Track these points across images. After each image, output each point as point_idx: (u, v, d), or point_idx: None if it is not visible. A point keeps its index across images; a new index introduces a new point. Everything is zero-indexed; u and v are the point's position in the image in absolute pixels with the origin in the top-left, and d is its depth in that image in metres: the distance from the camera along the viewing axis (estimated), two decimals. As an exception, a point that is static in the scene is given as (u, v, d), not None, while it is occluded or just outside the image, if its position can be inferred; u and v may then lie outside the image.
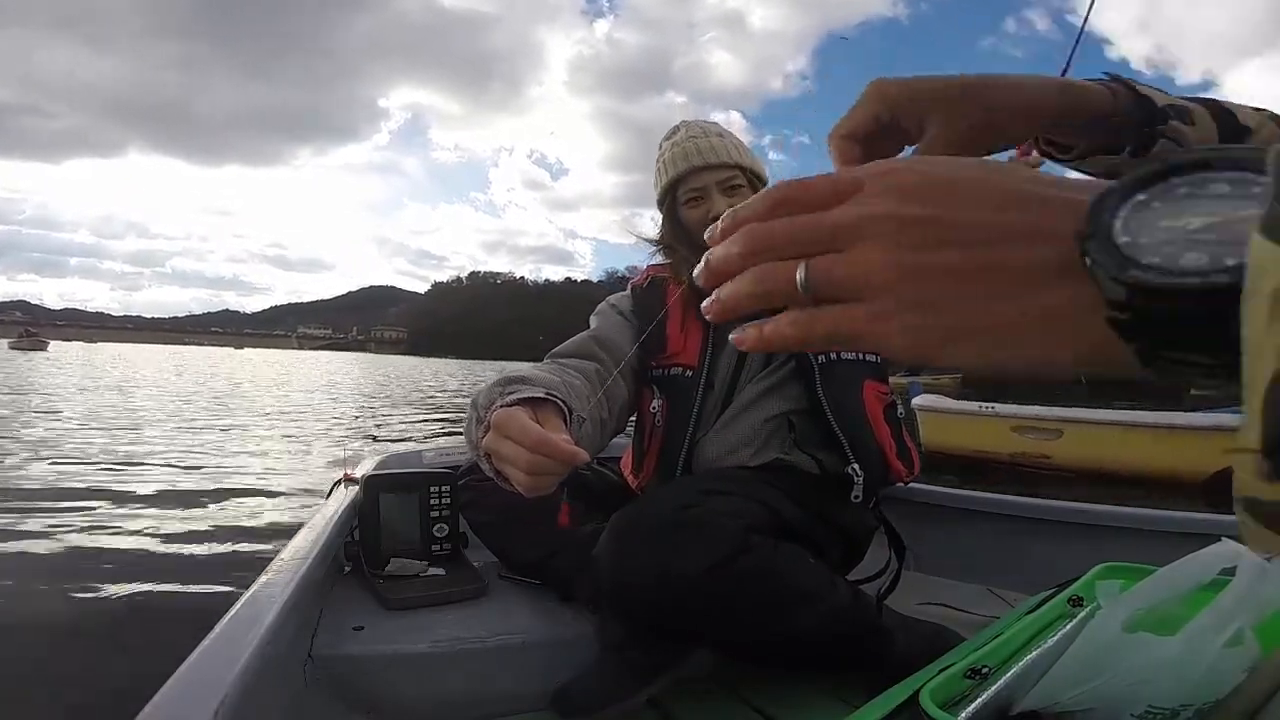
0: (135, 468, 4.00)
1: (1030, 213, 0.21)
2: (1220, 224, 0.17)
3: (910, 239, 0.21)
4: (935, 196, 0.22)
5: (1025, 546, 1.30)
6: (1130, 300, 0.18)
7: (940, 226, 0.21)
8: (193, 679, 0.57)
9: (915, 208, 0.21)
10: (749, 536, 0.83)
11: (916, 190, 0.22)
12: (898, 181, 0.22)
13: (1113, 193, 0.19)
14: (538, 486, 0.61)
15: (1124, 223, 0.18)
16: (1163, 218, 0.18)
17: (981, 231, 0.21)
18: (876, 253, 0.21)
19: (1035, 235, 0.20)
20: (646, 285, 1.18)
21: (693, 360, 1.08)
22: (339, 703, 0.86)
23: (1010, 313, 0.20)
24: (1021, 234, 0.21)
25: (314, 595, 0.93)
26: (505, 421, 0.62)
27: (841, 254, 0.22)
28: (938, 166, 0.23)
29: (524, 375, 0.76)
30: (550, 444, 0.59)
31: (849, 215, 0.22)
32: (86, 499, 3.11)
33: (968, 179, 0.22)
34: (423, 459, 1.53)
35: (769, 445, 1.05)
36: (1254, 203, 0.17)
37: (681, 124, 1.16)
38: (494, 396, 0.70)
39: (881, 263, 0.21)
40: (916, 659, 0.73)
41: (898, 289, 0.21)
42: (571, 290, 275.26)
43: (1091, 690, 0.50)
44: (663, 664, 0.90)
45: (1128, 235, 0.18)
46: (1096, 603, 0.60)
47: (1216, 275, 0.16)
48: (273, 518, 2.98)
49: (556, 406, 0.69)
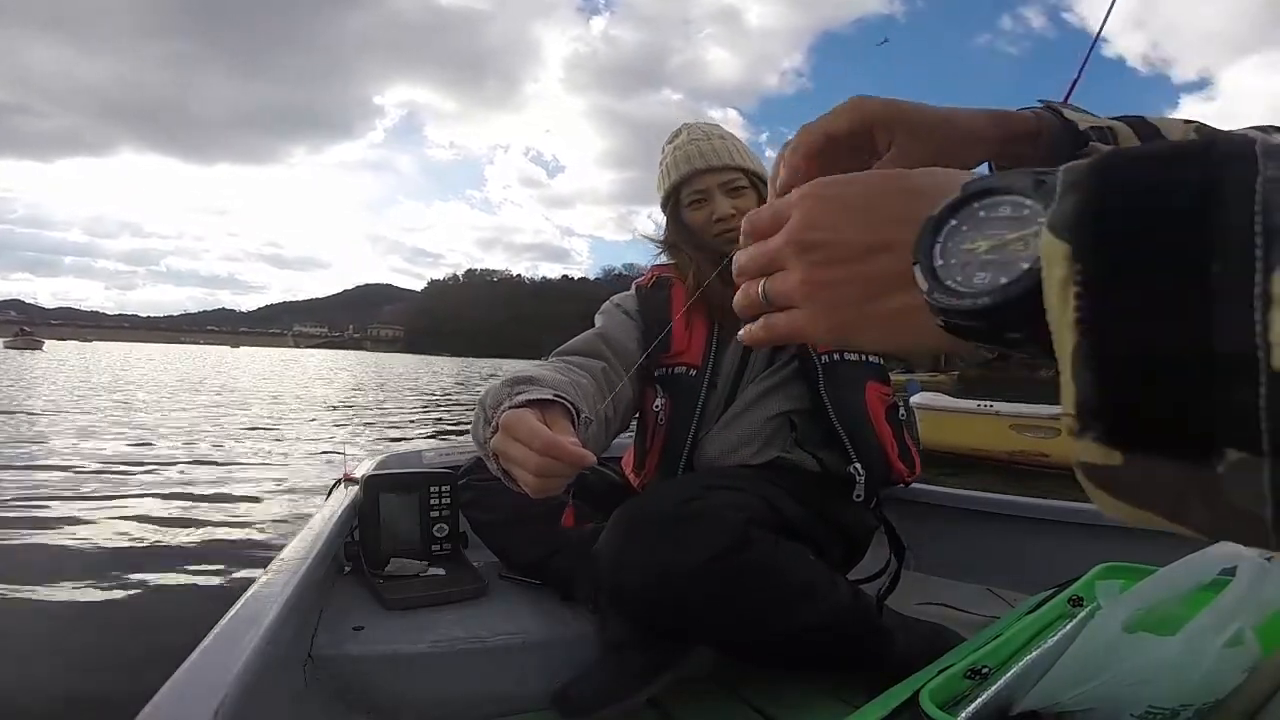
0: (133, 468, 4.00)
1: (891, 230, 0.27)
2: (999, 246, 0.21)
3: (811, 260, 0.29)
4: (828, 221, 0.28)
5: (1025, 546, 1.30)
6: (942, 314, 0.23)
7: (829, 248, 0.28)
8: (193, 679, 0.57)
9: (815, 233, 0.28)
10: (750, 530, 0.84)
11: (817, 218, 0.29)
12: (805, 211, 0.29)
13: (932, 219, 0.24)
14: (545, 489, 0.61)
15: (941, 247, 0.23)
16: (964, 241, 0.22)
17: (856, 249, 0.27)
18: (793, 274, 0.29)
19: (892, 249, 0.26)
20: (651, 285, 1.18)
21: (696, 359, 1.09)
22: (339, 703, 0.86)
23: (880, 312, 0.27)
24: (883, 248, 0.27)
25: (314, 595, 0.93)
26: (514, 423, 0.63)
27: (782, 272, 0.30)
28: (838, 189, 0.29)
29: (532, 375, 0.77)
30: (558, 447, 0.59)
31: (776, 245, 0.30)
32: (84, 499, 3.12)
33: (853, 200, 0.28)
34: (423, 459, 1.53)
35: (771, 444, 1.05)
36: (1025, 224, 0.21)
37: (684, 127, 1.17)
38: (502, 397, 0.70)
39: (795, 281, 0.29)
40: (916, 659, 0.73)
41: (809, 298, 0.29)
42: (568, 288, 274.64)
43: (1091, 690, 0.50)
44: (663, 663, 0.90)
45: (941, 259, 0.23)
46: (1096, 603, 0.60)
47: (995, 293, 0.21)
48: (272, 518, 2.98)
49: (564, 408, 0.69)
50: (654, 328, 1.12)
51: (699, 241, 1.12)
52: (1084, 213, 0.18)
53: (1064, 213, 0.18)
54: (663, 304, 1.14)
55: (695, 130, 1.14)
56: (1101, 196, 0.18)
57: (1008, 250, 0.21)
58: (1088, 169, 0.19)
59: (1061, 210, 0.19)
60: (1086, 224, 0.18)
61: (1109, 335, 0.17)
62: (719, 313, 1.10)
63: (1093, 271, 0.17)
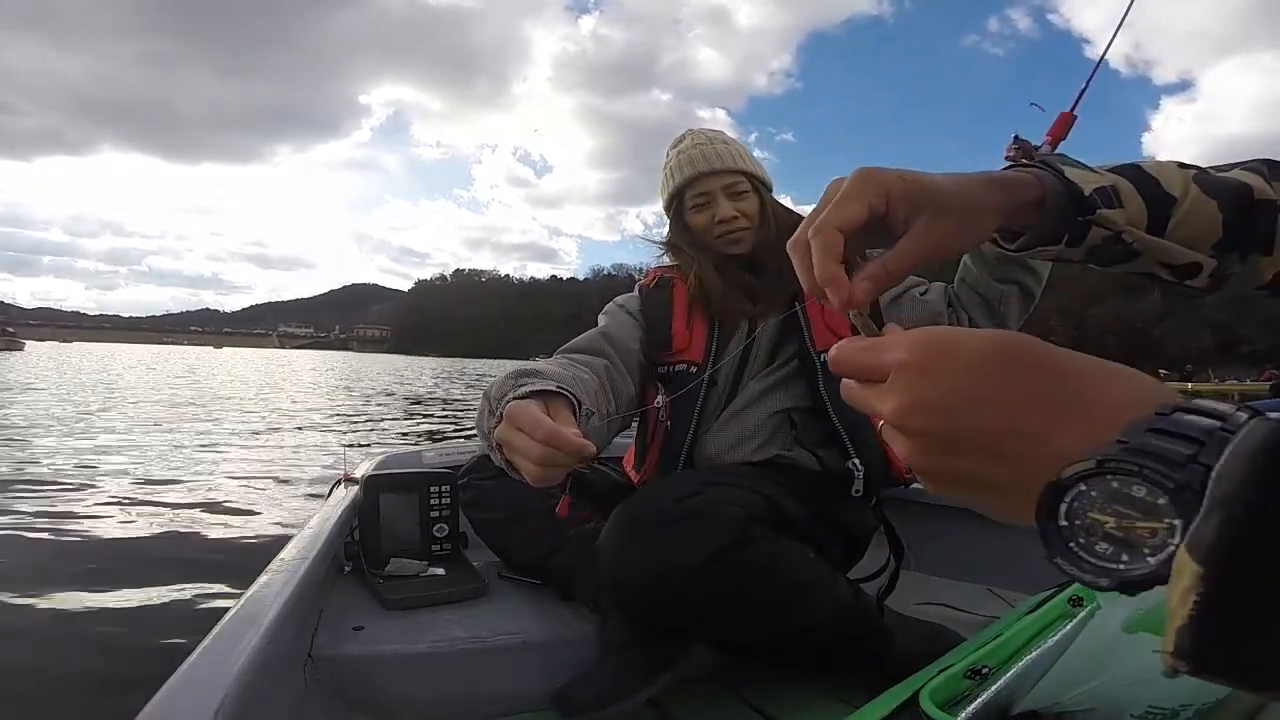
0: (131, 468, 4.00)
1: (1008, 441, 0.26)
2: (1126, 528, 0.22)
3: (916, 444, 0.28)
4: (938, 407, 0.27)
5: (1025, 546, 1.30)
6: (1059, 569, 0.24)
7: (938, 440, 0.28)
8: (193, 679, 0.57)
9: (922, 420, 0.28)
10: (750, 527, 0.84)
11: (926, 400, 0.28)
12: (912, 389, 0.28)
13: (1060, 484, 0.23)
14: (546, 478, 0.62)
15: (1066, 508, 0.23)
16: (1091, 508, 0.23)
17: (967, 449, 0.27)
18: (898, 444, 0.29)
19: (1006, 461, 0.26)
20: (654, 285, 1.20)
21: (697, 357, 1.10)
22: (339, 703, 0.86)
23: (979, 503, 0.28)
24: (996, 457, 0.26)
25: (314, 595, 0.93)
26: (518, 414, 0.65)
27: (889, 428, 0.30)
28: (950, 369, 0.28)
29: (536, 369, 0.78)
30: (560, 437, 0.61)
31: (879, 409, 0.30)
32: (82, 499, 3.11)
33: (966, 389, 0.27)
34: (423, 459, 1.53)
35: (771, 441, 1.06)
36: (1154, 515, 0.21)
37: (688, 132, 1.19)
38: (506, 389, 0.72)
39: (902, 452, 0.29)
40: (916, 659, 0.73)
41: (915, 467, 0.29)
42: (557, 288, 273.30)
43: (1091, 690, 0.50)
44: (664, 663, 0.90)
45: (1065, 519, 0.23)
46: (1096, 603, 0.60)
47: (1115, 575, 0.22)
48: (271, 518, 2.98)
49: (567, 400, 0.71)
50: (656, 326, 1.13)
51: (701, 243, 1.14)
52: (1221, 541, 0.19)
53: (1203, 539, 0.19)
54: (665, 303, 1.15)
55: (698, 135, 1.17)
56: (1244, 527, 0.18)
57: (1134, 534, 0.22)
58: (1238, 487, 0.19)
59: (1201, 534, 0.19)
60: (1220, 555, 0.19)
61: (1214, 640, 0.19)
62: (719, 311, 1.11)
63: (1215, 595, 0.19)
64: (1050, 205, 0.43)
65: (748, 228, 1.12)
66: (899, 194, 0.37)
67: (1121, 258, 0.46)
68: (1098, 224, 0.44)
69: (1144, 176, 0.46)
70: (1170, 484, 0.21)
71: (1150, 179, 0.46)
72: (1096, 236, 0.44)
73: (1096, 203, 0.43)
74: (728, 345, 1.11)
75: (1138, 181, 0.45)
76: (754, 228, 1.13)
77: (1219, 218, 0.45)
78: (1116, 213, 0.44)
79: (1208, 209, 0.45)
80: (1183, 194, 0.46)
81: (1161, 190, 0.45)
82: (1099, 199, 0.43)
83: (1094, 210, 0.43)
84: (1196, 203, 0.45)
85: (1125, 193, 0.45)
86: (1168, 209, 0.45)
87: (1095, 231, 0.44)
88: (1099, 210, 0.43)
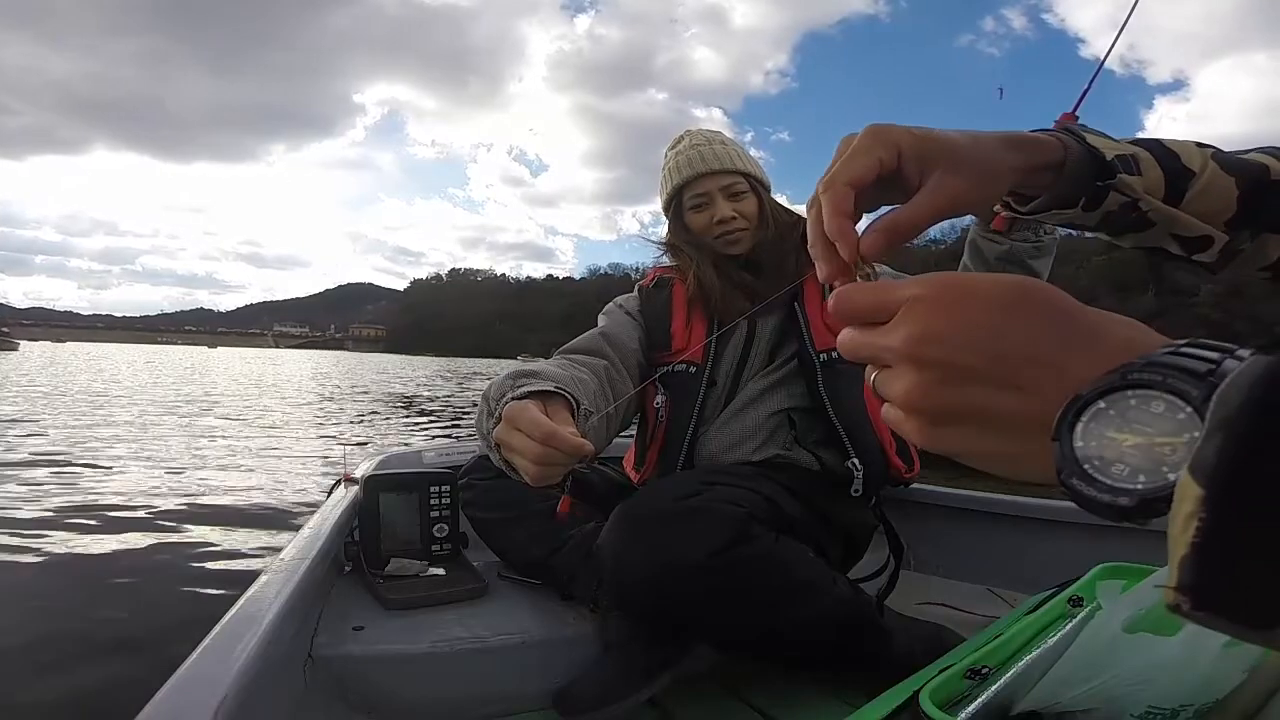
0: (129, 468, 4.00)
1: (1022, 369, 0.25)
2: (1145, 445, 0.21)
3: (924, 377, 0.27)
4: (949, 337, 0.26)
5: (1025, 546, 1.30)
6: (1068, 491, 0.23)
7: (948, 370, 0.26)
8: (193, 679, 0.57)
9: (932, 349, 0.27)
10: (750, 525, 0.84)
11: (937, 330, 0.27)
12: (923, 320, 0.27)
13: (1081, 399, 0.23)
14: (545, 477, 0.63)
15: (1084, 427, 0.22)
16: (1109, 428, 0.22)
17: (978, 380, 0.26)
18: (899, 382, 0.28)
19: (1021, 389, 0.25)
20: (653, 285, 1.20)
21: (697, 357, 1.10)
22: (339, 703, 0.86)
23: (988, 448, 0.27)
24: (1009, 385, 0.25)
25: (314, 595, 0.93)
26: (516, 414, 0.65)
27: (890, 372, 0.29)
28: (964, 300, 0.27)
29: (535, 370, 0.79)
30: (558, 437, 0.62)
31: (885, 346, 0.28)
32: (80, 499, 3.11)
33: (980, 320, 0.26)
34: (423, 459, 1.53)
35: (770, 441, 1.06)
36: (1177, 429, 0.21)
37: (686, 133, 1.20)
38: (505, 389, 0.72)
39: (902, 390, 0.28)
40: (916, 659, 0.73)
41: (916, 411, 0.28)
42: (554, 287, 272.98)
43: (1091, 690, 0.50)
44: (663, 663, 0.90)
45: (1082, 440, 0.22)
46: (1096, 603, 0.60)
47: (1132, 494, 0.21)
48: (271, 518, 2.98)
49: (565, 400, 0.72)
50: (655, 326, 1.14)
51: (700, 243, 1.15)
52: (1222, 462, 0.18)
53: (1204, 459, 0.18)
54: (664, 303, 1.16)
55: (697, 136, 1.17)
56: (1246, 447, 0.18)
57: (1154, 452, 0.21)
58: (1240, 407, 0.18)
59: (1203, 455, 0.18)
60: (1221, 475, 0.18)
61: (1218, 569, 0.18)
62: (719, 311, 1.12)
63: (1218, 517, 0.18)
64: (1070, 168, 0.42)
65: (746, 228, 1.12)
66: (911, 149, 0.36)
67: (1135, 226, 0.46)
68: (1117, 189, 0.43)
69: (1164, 150, 0.46)
70: (1194, 393, 0.20)
71: (1170, 153, 0.46)
72: (1113, 203, 0.44)
73: (1117, 168, 0.43)
74: (727, 344, 1.11)
75: (1158, 153, 0.45)
76: (753, 228, 1.13)
77: (1235, 194, 0.46)
78: (1135, 180, 0.44)
79: (1225, 184, 0.46)
80: (1201, 169, 0.46)
81: (1180, 164, 0.45)
82: (1119, 165, 0.43)
83: (1114, 175, 0.43)
84: (1214, 178, 0.46)
85: (1145, 162, 0.45)
86: (1185, 182, 0.45)
87: (1112, 198, 0.44)
88: (1119, 175, 0.43)
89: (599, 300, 1.24)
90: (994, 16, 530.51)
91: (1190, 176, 0.45)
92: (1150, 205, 0.44)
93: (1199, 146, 0.47)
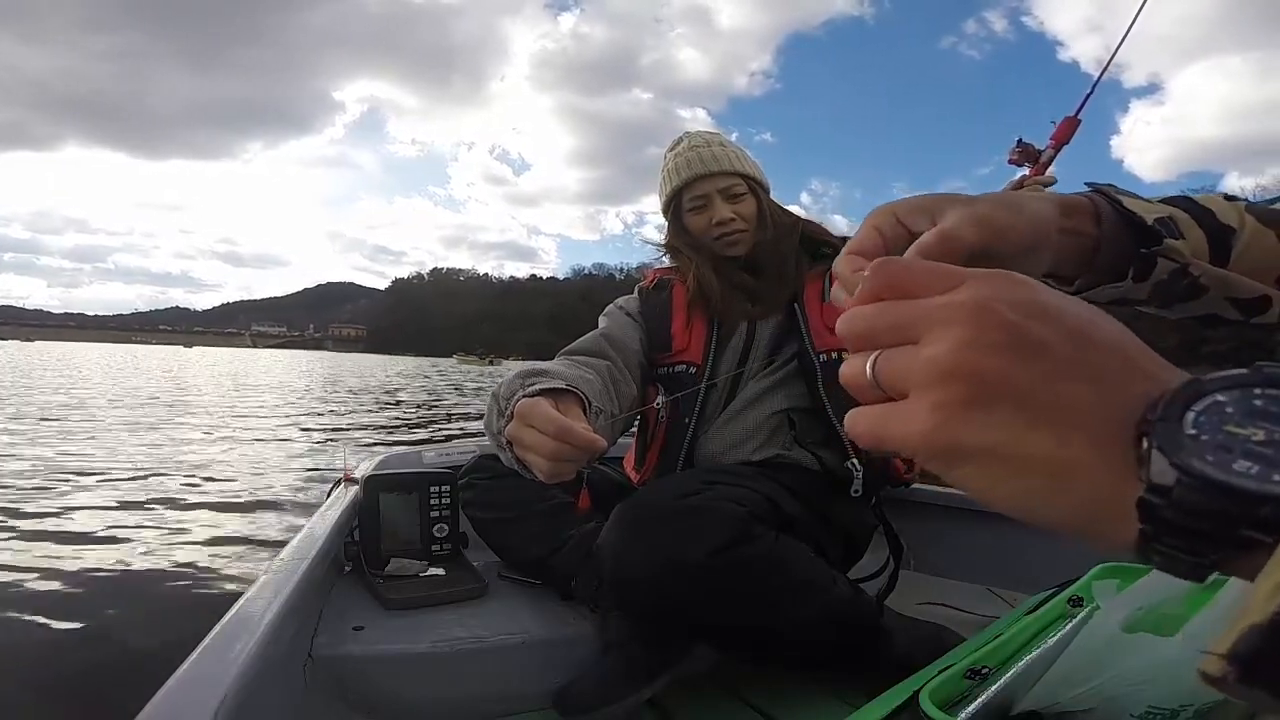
0: (126, 468, 4.00)
1: (1089, 378, 0.21)
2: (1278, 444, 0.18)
3: (951, 392, 0.21)
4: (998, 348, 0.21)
5: (1025, 546, 1.30)
6: (1174, 483, 0.18)
7: (981, 389, 0.21)
8: (193, 679, 0.57)
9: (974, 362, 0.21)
10: (751, 524, 0.84)
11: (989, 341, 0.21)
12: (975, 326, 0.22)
13: (1196, 383, 0.20)
14: (558, 473, 0.63)
15: (1196, 415, 0.19)
16: (1229, 422, 0.19)
17: (1055, 364, 0.21)
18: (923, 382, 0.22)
19: (1103, 385, 0.21)
20: (653, 287, 1.20)
21: (696, 358, 1.10)
22: (339, 703, 0.86)
23: (1042, 445, 0.21)
24: (1090, 378, 0.21)
25: (314, 595, 0.93)
26: (529, 410, 0.65)
27: (904, 367, 0.23)
28: (1026, 309, 0.22)
29: (545, 369, 0.79)
30: (572, 432, 0.61)
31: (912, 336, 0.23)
32: (78, 500, 3.11)
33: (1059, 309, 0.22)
34: (423, 459, 1.53)
35: (770, 441, 1.06)
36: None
37: (685, 135, 1.20)
38: (515, 388, 0.72)
39: (926, 408, 0.22)
40: (916, 659, 0.73)
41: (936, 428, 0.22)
42: (537, 287, 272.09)
43: (1091, 690, 0.50)
44: (664, 662, 0.90)
45: (1194, 429, 0.19)
46: (1096, 603, 0.60)
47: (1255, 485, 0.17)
48: (271, 518, 2.98)
49: (577, 397, 0.72)
50: (655, 328, 1.14)
51: (699, 245, 1.15)
52: None
53: None
54: (663, 304, 1.16)
55: (696, 138, 1.17)
56: None
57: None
58: None
59: None
60: None
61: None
62: (719, 312, 1.12)
63: None
64: (1108, 230, 0.39)
65: (745, 229, 1.12)
66: (908, 208, 0.34)
67: (1187, 294, 0.42)
68: (1164, 255, 0.40)
69: (1197, 207, 0.43)
70: None
71: (1204, 209, 0.43)
72: (1162, 270, 0.40)
73: (1161, 232, 0.39)
74: (727, 345, 1.12)
75: (1193, 212, 0.42)
76: (751, 229, 1.13)
77: (1279, 247, 0.43)
78: (1180, 244, 0.40)
79: (1267, 240, 0.43)
80: (1240, 224, 0.43)
81: (1218, 221, 0.43)
82: (1163, 230, 0.39)
83: (1160, 240, 0.39)
84: (1256, 234, 0.43)
85: (1183, 223, 0.41)
86: (1228, 239, 0.42)
87: (1161, 265, 0.40)
88: (1166, 240, 0.39)
89: (583, 300, 1.25)
90: (976, 19, 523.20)
91: (1231, 233, 0.43)
92: (1201, 269, 0.41)
93: (1225, 198, 0.45)
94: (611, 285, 24.19)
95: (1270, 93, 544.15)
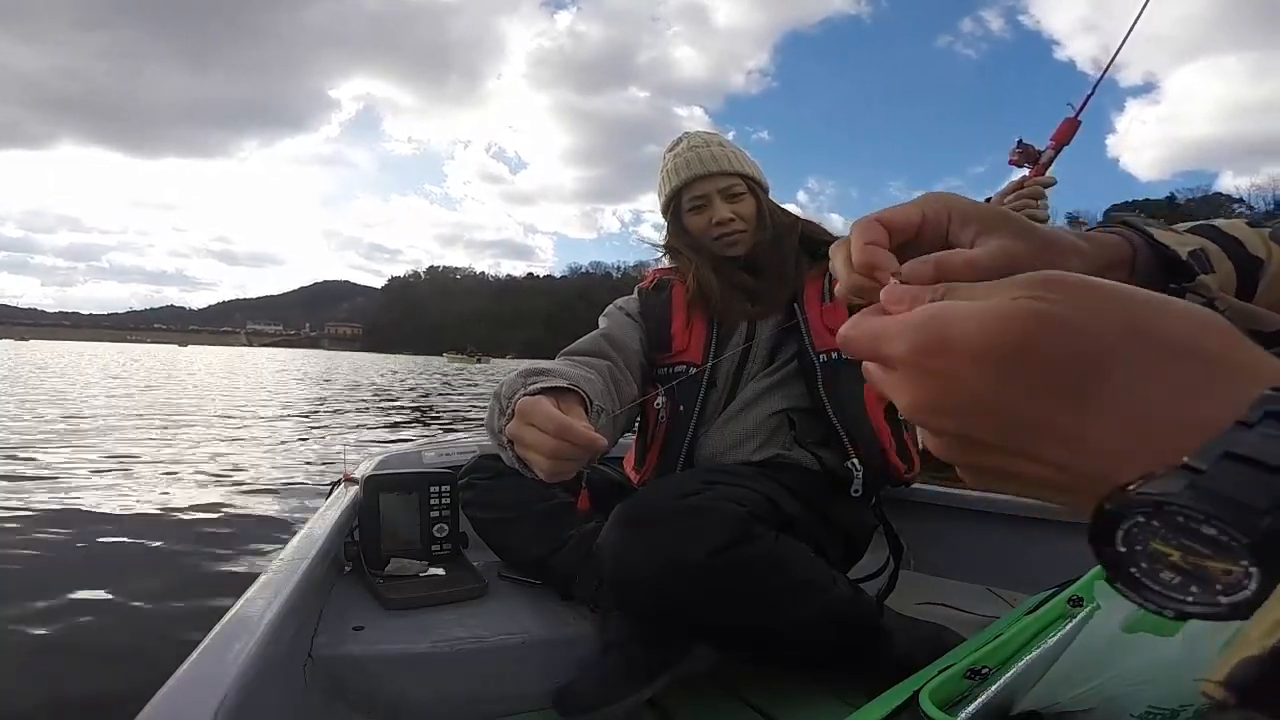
0: (127, 469, 4.00)
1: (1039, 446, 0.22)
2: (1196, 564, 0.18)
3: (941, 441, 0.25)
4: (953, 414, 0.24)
5: (1025, 546, 1.30)
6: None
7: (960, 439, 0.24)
8: (193, 679, 0.57)
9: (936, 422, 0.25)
10: (751, 524, 0.84)
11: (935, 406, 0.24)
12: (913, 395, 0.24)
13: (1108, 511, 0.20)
14: (559, 472, 0.63)
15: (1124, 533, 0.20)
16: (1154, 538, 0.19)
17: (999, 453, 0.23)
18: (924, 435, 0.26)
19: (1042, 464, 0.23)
20: (652, 287, 1.20)
21: (696, 358, 1.10)
22: (339, 703, 0.86)
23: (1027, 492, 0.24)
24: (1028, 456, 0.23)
25: (314, 595, 0.93)
26: (530, 409, 0.65)
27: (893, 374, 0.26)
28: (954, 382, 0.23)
29: (546, 368, 0.79)
30: (572, 430, 0.61)
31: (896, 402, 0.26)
32: (76, 501, 3.11)
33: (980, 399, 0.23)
34: (423, 459, 1.53)
35: (770, 441, 1.06)
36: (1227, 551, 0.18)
37: (685, 135, 1.20)
38: (516, 387, 0.72)
39: (929, 444, 0.26)
40: (916, 659, 0.73)
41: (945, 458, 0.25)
42: (534, 285, 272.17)
43: (1091, 690, 0.50)
44: (664, 662, 0.90)
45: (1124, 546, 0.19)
46: (1096, 603, 0.60)
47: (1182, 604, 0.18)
48: (271, 518, 2.98)
49: (578, 396, 0.72)
50: (655, 328, 1.14)
51: (699, 245, 1.15)
52: None
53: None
54: (663, 304, 1.16)
55: (695, 138, 1.17)
56: None
57: (1206, 571, 0.18)
58: None
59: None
60: None
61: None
62: (718, 312, 1.12)
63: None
64: (1141, 266, 0.38)
65: (745, 230, 1.12)
66: (965, 210, 0.33)
67: None
68: (1194, 291, 0.39)
69: (1224, 236, 0.42)
70: (1249, 537, 0.17)
71: (1232, 239, 0.42)
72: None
73: (1194, 268, 0.39)
74: (726, 345, 1.12)
75: (1221, 242, 0.41)
76: (751, 229, 1.13)
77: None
78: (1210, 279, 0.40)
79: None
80: (1267, 255, 0.42)
81: (1247, 252, 0.42)
82: (1195, 264, 0.39)
83: (1194, 277, 0.38)
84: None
85: (1214, 256, 0.40)
86: (1257, 272, 0.42)
87: (1189, 300, 0.39)
88: (1199, 276, 0.38)
89: (580, 299, 1.25)
90: (972, 18, 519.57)
91: (1259, 265, 0.42)
92: (1227, 304, 0.40)
93: (1250, 226, 0.43)
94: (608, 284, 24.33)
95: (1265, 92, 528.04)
